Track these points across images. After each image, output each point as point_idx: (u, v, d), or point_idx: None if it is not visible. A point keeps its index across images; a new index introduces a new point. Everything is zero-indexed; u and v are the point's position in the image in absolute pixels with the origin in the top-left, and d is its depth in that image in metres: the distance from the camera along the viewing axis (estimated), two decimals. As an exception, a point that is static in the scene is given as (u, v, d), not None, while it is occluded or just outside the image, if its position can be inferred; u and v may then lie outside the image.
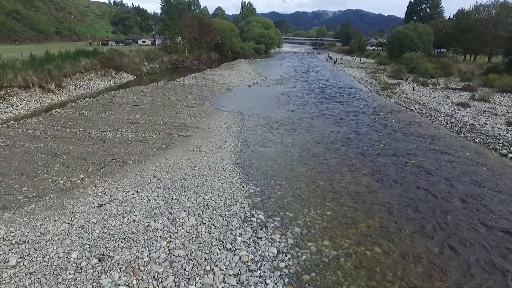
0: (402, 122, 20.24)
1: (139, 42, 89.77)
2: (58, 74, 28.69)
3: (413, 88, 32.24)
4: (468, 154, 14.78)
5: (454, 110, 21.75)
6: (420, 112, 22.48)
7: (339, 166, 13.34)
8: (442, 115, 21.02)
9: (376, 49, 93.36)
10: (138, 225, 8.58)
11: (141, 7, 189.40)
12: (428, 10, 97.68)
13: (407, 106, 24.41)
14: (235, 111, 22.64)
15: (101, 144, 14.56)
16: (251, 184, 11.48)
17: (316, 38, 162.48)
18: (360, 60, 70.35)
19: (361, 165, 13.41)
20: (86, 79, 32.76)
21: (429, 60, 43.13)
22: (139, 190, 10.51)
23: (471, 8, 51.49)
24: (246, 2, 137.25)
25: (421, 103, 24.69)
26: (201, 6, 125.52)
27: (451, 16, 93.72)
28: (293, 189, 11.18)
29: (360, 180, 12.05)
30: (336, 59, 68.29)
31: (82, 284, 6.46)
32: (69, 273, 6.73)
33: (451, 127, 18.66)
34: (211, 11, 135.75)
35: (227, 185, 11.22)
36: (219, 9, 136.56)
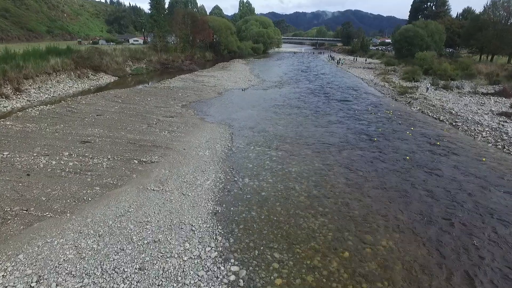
0: (436, 140, 15.77)
1: (131, 41, 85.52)
2: (16, 76, 24.14)
3: (427, 89, 28.09)
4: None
5: (501, 123, 17.28)
6: (454, 124, 18.00)
7: (369, 218, 8.84)
8: (486, 129, 16.55)
9: (380, 48, 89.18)
10: None
11: (138, 6, 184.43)
12: (434, 8, 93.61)
13: (435, 116, 19.94)
14: (223, 123, 18.13)
15: (20, 179, 10.03)
16: (232, 260, 6.97)
17: (316, 38, 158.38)
18: (366, 60, 66.00)
19: (405, 219, 8.92)
20: (55, 81, 28.19)
21: (445, 61, 38.70)
22: (34, 283, 6.00)
23: (488, 3, 47.11)
24: (245, 1, 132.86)
25: (453, 112, 20.22)
26: (199, 5, 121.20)
27: (458, 15, 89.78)
28: (301, 273, 6.68)
29: (407, 251, 7.56)
30: (340, 59, 63.95)
31: None
32: None
33: (504, 147, 14.20)
34: (208, 11, 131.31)
35: (191, 265, 6.71)
36: (216, 8, 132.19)
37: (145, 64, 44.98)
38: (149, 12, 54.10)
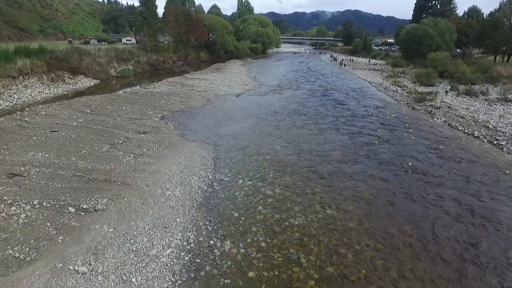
0: (482, 169, 12.24)
1: (124, 40, 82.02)
2: (-30, 81, 20.64)
3: (446, 93, 25.09)
4: None
5: (558, 143, 13.73)
6: (496, 143, 14.43)
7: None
8: (543, 152, 13.02)
9: (383, 49, 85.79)
10: None
11: (136, 6, 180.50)
12: (439, 6, 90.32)
13: (466, 130, 16.38)
14: (207, 141, 14.57)
15: None
16: None
17: (316, 38, 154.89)
18: (369, 61, 62.43)
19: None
20: (22, 86, 24.61)
21: (461, 62, 35.11)
22: None
23: (504, 0, 43.58)
24: (243, 0, 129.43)
25: (489, 126, 16.63)
26: (196, 4, 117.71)
27: (464, 14, 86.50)
28: None
29: None
30: (342, 59, 60.33)
31: None
32: None
33: None
34: (206, 10, 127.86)
35: None
36: (214, 7, 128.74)
37: (133, 66, 41.39)
38: (139, 9, 50.37)
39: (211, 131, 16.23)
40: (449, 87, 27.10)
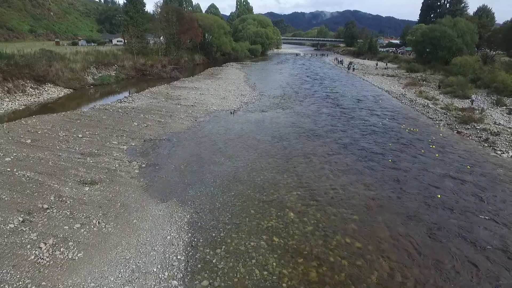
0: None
1: (114, 41, 77.09)
2: None
3: (472, 103, 21.29)
4: None
5: None
6: None
7: None
8: None
9: (391, 50, 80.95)
10: None
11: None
12: (448, 6, 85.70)
13: (557, 176, 11.47)
14: (182, 202, 9.56)
15: None
16: None
17: (317, 39, 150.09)
18: (377, 64, 57.43)
19: None
20: (-37, 101, 19.62)
21: (498, 67, 30.19)
22: None
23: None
24: (242, 0, 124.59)
25: None
26: (194, 3, 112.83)
27: (474, 14, 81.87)
28: None
29: None
30: (351, 62, 55.20)
31: None
32: None
33: None
34: (204, 10, 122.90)
35: None
36: (212, 6, 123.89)
37: (115, 71, 36.32)
38: (124, 7, 45.37)
39: (191, 176, 11.24)
40: (474, 96, 22.22)
